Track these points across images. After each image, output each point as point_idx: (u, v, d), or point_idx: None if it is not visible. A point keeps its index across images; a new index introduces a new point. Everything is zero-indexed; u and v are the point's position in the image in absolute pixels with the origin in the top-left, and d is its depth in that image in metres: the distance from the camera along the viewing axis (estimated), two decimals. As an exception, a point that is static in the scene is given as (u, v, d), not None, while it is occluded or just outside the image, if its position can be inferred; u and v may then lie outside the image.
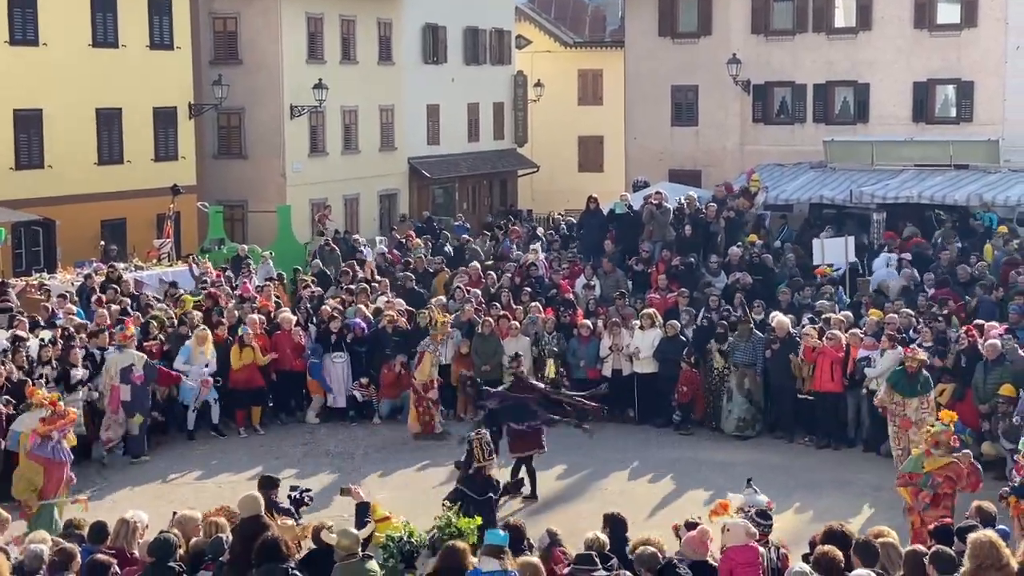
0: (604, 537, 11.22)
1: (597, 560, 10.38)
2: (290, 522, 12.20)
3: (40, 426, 15.50)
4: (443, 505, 13.48)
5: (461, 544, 10.75)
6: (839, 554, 10.18)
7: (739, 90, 36.24)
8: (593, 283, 25.02)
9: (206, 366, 20.66)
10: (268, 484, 13.69)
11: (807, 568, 9.92)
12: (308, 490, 14.30)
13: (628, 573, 10.20)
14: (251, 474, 18.45)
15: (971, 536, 9.72)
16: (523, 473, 17.55)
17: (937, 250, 26.11)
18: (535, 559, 10.81)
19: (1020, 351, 18.75)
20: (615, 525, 11.90)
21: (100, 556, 10.54)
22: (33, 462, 15.40)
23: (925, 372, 17.94)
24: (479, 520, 11.97)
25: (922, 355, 18.17)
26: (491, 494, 15.00)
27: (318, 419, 21.72)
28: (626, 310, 22.33)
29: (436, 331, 20.99)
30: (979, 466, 14.42)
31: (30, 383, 17.44)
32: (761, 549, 10.90)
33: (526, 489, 17.45)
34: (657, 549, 10.71)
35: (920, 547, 10.54)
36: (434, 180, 43.01)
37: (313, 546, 11.50)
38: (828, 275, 24.35)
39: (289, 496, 13.99)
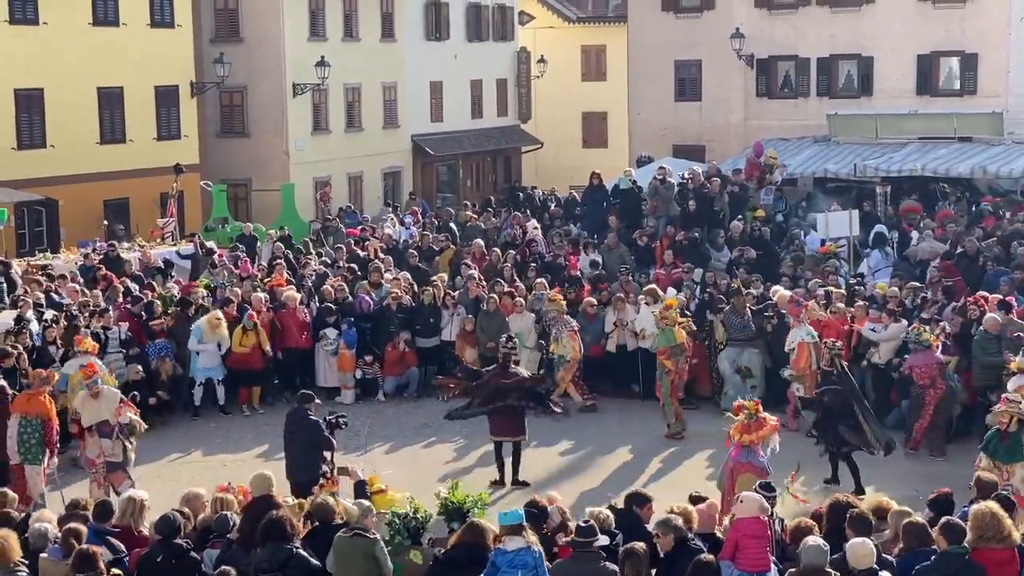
0: (607, 512, 11.24)
1: (598, 531, 10.41)
2: (294, 501, 12.22)
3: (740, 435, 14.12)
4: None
5: (486, 523, 10.78)
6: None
7: (742, 64, 36.14)
8: (597, 259, 24.98)
9: (219, 345, 20.63)
10: (305, 399, 15.10)
11: (821, 541, 9.95)
12: (344, 415, 15.29)
13: (642, 544, 10.27)
14: (256, 452, 18.53)
15: (973, 508, 9.80)
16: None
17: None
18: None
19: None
20: (632, 501, 11.75)
21: (88, 547, 10.42)
22: (748, 472, 13.73)
23: None
24: (484, 495, 11.92)
25: (1019, 400, 14.50)
26: None
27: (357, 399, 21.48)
28: (629, 285, 22.30)
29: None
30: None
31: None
32: (768, 522, 10.93)
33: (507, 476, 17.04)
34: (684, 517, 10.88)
35: (918, 517, 10.56)
36: (437, 157, 42.95)
37: (317, 523, 11.51)
38: (833, 252, 24.28)
39: (326, 420, 14.83)
